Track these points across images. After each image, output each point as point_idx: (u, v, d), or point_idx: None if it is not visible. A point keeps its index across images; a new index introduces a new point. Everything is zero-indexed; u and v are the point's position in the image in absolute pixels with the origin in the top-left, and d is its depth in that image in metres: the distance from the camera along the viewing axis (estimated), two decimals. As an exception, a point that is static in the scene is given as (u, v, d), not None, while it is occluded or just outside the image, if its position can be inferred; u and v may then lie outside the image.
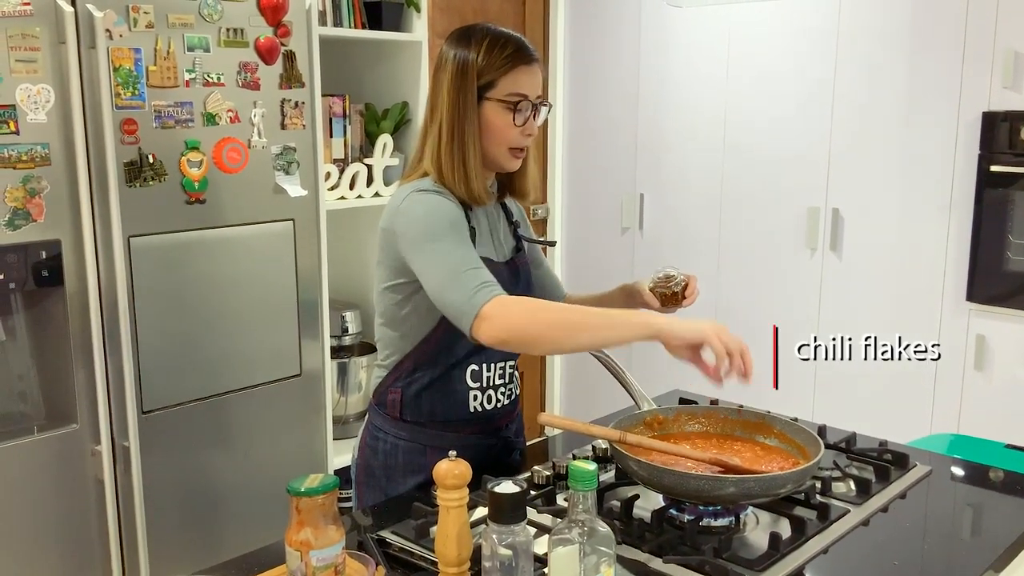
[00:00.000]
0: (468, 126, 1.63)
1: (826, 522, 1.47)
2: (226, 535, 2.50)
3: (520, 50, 1.65)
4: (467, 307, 1.47)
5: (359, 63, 3.25)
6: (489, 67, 1.62)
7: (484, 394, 1.72)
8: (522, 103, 1.63)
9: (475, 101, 1.63)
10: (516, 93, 1.63)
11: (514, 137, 1.65)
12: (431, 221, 1.57)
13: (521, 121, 1.64)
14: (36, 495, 2.15)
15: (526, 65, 1.64)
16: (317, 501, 1.16)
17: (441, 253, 1.55)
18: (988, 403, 2.96)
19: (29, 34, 2.02)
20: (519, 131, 1.64)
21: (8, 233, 2.03)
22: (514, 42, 1.66)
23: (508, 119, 1.63)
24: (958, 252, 2.97)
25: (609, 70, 3.83)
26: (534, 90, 1.65)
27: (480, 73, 1.62)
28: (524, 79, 1.63)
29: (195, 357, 2.39)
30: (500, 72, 1.62)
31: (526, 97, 1.63)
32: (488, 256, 1.68)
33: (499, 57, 1.63)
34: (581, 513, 1.13)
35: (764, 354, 3.68)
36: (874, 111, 3.11)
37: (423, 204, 1.60)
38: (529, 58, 1.65)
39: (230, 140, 2.38)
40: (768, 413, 1.68)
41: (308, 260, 2.63)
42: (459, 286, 1.50)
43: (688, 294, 1.74)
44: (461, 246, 1.56)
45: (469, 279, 1.49)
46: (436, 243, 1.56)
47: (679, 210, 3.69)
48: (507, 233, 1.79)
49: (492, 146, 1.65)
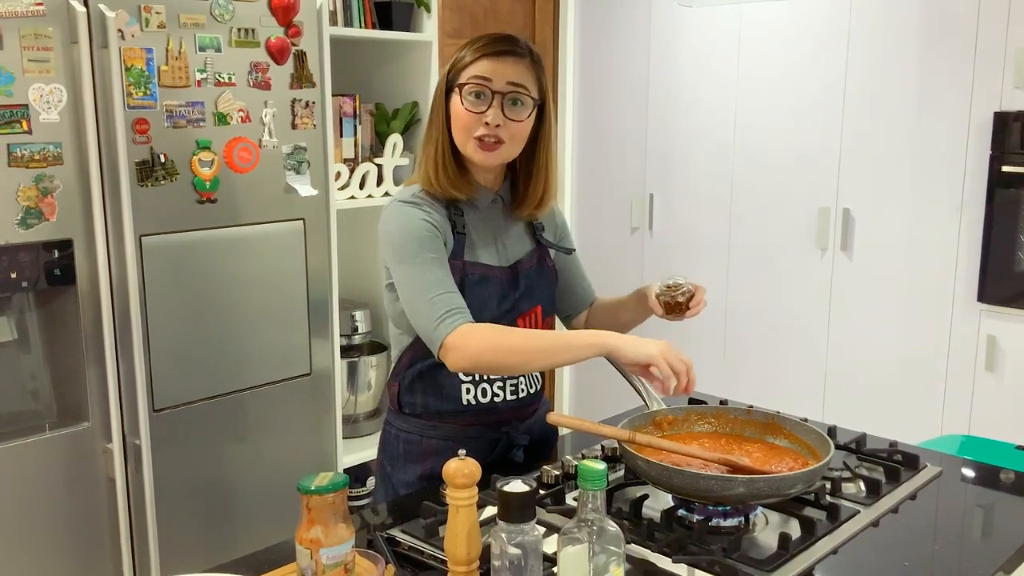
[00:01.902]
0: (435, 119, 1.67)
1: (836, 523, 1.47)
2: (236, 533, 2.51)
3: (493, 42, 1.64)
4: (433, 336, 1.57)
5: (369, 63, 3.26)
6: (459, 60, 1.65)
7: (477, 387, 1.73)
8: (477, 88, 1.61)
9: (443, 94, 1.66)
10: (474, 77, 1.61)
11: (474, 125, 1.62)
12: (401, 241, 1.62)
13: (477, 107, 1.61)
14: (48, 493, 2.16)
15: (495, 55, 1.62)
16: (327, 499, 1.16)
17: (410, 276, 1.60)
18: (999, 404, 2.95)
19: (42, 34, 2.03)
20: (477, 119, 1.62)
21: (21, 232, 2.05)
22: (493, 37, 1.66)
23: (471, 106, 1.62)
24: (969, 253, 2.96)
25: (619, 70, 3.83)
26: (499, 77, 1.62)
27: (452, 67, 1.65)
28: (489, 66, 1.62)
29: (206, 356, 2.40)
30: (466, 63, 1.64)
31: (485, 81, 1.61)
32: (485, 261, 1.70)
33: (470, 50, 1.64)
34: (590, 512, 1.13)
35: (770, 354, 3.70)
36: (885, 111, 3.10)
37: (395, 220, 1.65)
38: (500, 49, 1.63)
39: (241, 140, 2.39)
40: (778, 413, 1.68)
41: (318, 259, 2.63)
42: (425, 313, 1.58)
43: (693, 305, 1.74)
44: (429, 268, 1.59)
45: (433, 307, 1.57)
46: (405, 265, 1.61)
47: (689, 210, 3.69)
48: (521, 238, 1.79)
49: (458, 135, 1.65)
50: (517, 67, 1.63)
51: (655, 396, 1.71)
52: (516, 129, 1.64)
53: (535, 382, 1.82)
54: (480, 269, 1.69)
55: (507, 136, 1.63)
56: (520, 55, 1.65)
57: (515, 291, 1.72)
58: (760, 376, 3.52)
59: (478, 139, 1.63)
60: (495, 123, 1.61)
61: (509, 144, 1.65)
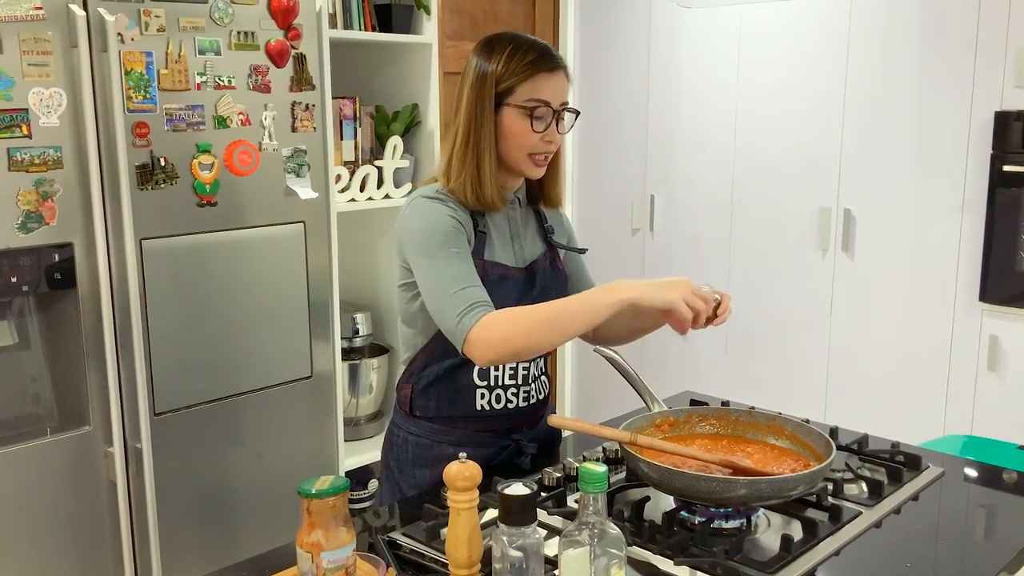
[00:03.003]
0: (484, 132, 1.64)
1: (838, 524, 1.46)
2: (238, 537, 2.50)
3: (543, 56, 1.64)
4: (456, 332, 1.54)
5: (369, 65, 3.26)
6: (509, 73, 1.63)
7: (492, 393, 1.73)
8: (540, 109, 1.63)
9: (492, 107, 1.63)
10: (535, 99, 1.63)
11: (534, 143, 1.64)
12: (426, 235, 1.61)
13: (540, 127, 1.63)
14: (49, 497, 2.16)
15: (548, 72, 1.63)
16: (328, 503, 1.16)
17: (434, 270, 1.59)
18: (1001, 404, 2.94)
19: (41, 38, 2.03)
20: (538, 137, 1.64)
21: (21, 236, 2.05)
22: (538, 48, 1.65)
23: (526, 125, 1.63)
24: (971, 252, 2.96)
25: (619, 71, 3.83)
26: (556, 96, 1.64)
27: (500, 79, 1.63)
28: (544, 85, 1.63)
29: (207, 359, 2.40)
30: (520, 78, 1.63)
31: (546, 103, 1.63)
32: (503, 262, 1.70)
33: (519, 63, 1.63)
34: (591, 515, 1.13)
35: (772, 355, 3.70)
36: (886, 111, 3.10)
37: (421, 216, 1.63)
38: (552, 65, 1.65)
39: (241, 143, 2.39)
40: (779, 414, 1.67)
41: (319, 262, 2.63)
42: (448, 308, 1.55)
43: (720, 312, 1.72)
44: (453, 263, 1.58)
45: (456, 301, 1.54)
46: (429, 259, 1.59)
47: (690, 211, 3.69)
48: (535, 239, 1.80)
49: (511, 151, 1.65)
50: (564, 82, 1.67)
51: (656, 398, 1.71)
52: (560, 141, 1.69)
53: (543, 388, 1.82)
54: (499, 269, 1.69)
55: (555, 148, 1.69)
56: (563, 67, 1.68)
57: (532, 291, 1.73)
58: (761, 377, 3.52)
59: (532, 155, 1.66)
60: (556, 142, 1.66)
61: (553, 156, 1.71)
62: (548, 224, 1.84)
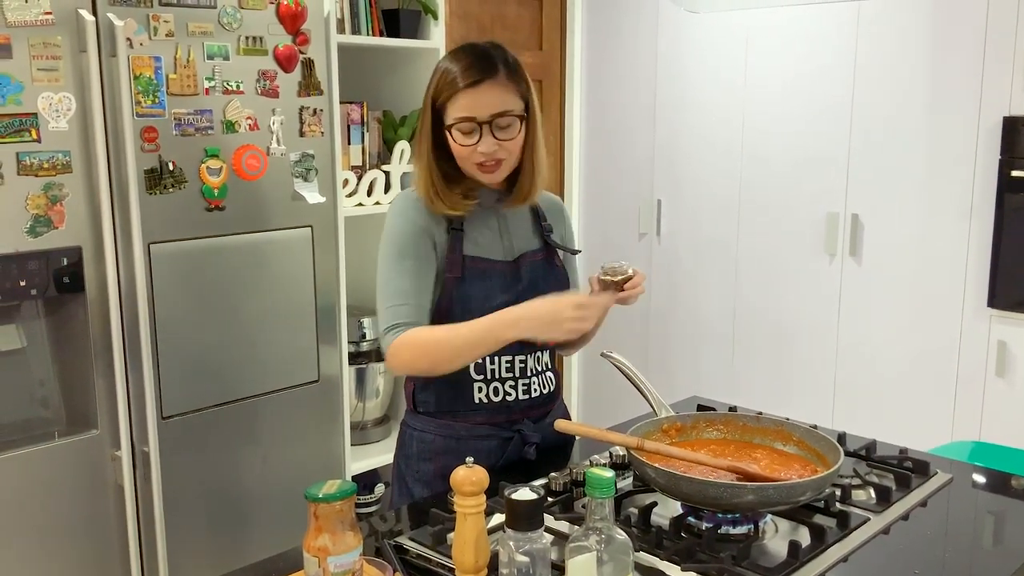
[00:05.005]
0: (427, 148, 1.73)
1: (846, 530, 1.46)
2: (245, 540, 2.51)
3: (466, 72, 1.67)
4: (381, 343, 1.71)
5: (377, 70, 3.26)
6: (438, 94, 1.71)
7: (489, 386, 1.75)
8: (464, 124, 1.67)
9: (430, 126, 1.72)
10: (457, 117, 1.68)
11: (474, 155, 1.69)
12: (388, 241, 1.75)
13: (470, 142, 1.68)
14: (57, 500, 2.16)
15: (469, 88, 1.66)
16: (335, 507, 1.16)
17: (383, 277, 1.74)
18: (1010, 410, 2.93)
19: (51, 43, 2.04)
20: (472, 150, 1.68)
21: (30, 240, 2.05)
22: (464, 63, 1.68)
23: (463, 141, 1.69)
24: (979, 258, 2.95)
25: (627, 76, 3.83)
26: (483, 109, 1.66)
27: (435, 100, 1.72)
28: (467, 102, 1.67)
29: (214, 363, 2.40)
30: (445, 97, 1.69)
31: (471, 119, 1.66)
32: (487, 256, 1.76)
33: (444, 82, 1.70)
34: (598, 520, 1.13)
35: (779, 360, 3.69)
36: (894, 116, 3.10)
37: (391, 217, 1.76)
38: (473, 80, 1.66)
39: (249, 147, 2.40)
40: (787, 420, 1.67)
41: (326, 266, 2.64)
42: (381, 319, 1.71)
43: (628, 287, 1.71)
44: (399, 277, 1.71)
45: (388, 316, 1.70)
46: (383, 264, 1.75)
47: (697, 215, 3.68)
48: (529, 235, 1.83)
49: (460, 162, 1.73)
50: (493, 92, 1.67)
51: (663, 403, 1.71)
52: (511, 146, 1.71)
53: (549, 383, 1.83)
54: (481, 264, 1.74)
55: (504, 154, 1.70)
56: (495, 77, 1.67)
57: (518, 283, 1.76)
58: (769, 382, 3.51)
59: (478, 164, 1.70)
60: (490, 152, 1.68)
61: (508, 159, 1.72)
62: (547, 222, 1.86)
